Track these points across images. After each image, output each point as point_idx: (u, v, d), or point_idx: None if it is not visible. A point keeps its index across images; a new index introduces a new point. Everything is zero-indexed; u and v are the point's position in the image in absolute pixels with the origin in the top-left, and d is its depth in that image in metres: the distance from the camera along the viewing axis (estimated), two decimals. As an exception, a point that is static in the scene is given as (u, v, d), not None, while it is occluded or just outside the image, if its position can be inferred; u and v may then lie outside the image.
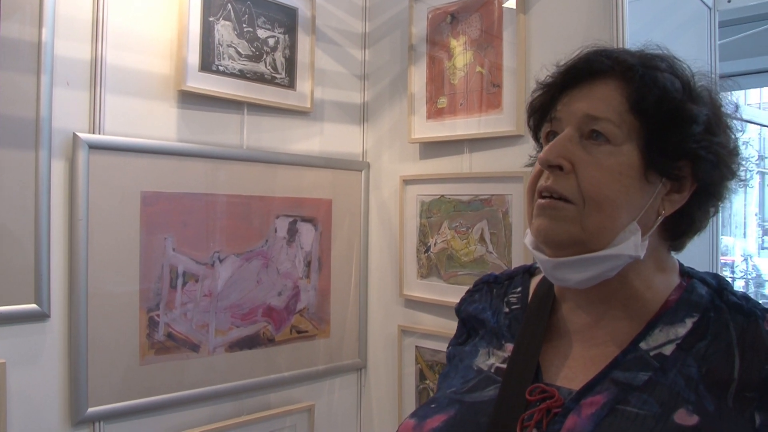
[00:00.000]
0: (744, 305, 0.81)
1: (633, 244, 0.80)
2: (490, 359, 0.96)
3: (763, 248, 6.94)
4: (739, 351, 0.77)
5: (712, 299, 0.83)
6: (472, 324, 1.06)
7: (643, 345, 0.81)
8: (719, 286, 0.85)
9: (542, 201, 0.84)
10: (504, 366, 0.92)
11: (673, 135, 0.80)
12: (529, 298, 0.99)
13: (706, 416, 0.73)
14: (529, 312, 0.95)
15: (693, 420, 0.73)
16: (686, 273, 0.89)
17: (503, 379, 0.89)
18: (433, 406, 0.92)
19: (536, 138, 0.96)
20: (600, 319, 0.86)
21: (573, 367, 0.86)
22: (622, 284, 0.85)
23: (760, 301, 0.83)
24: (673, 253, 0.91)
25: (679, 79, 0.82)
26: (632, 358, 0.80)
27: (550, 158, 0.83)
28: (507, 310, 1.01)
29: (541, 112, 0.91)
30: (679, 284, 0.87)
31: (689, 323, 0.81)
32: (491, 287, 1.07)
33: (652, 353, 0.80)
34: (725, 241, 6.44)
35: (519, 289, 1.02)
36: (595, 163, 0.81)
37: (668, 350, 0.79)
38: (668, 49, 0.90)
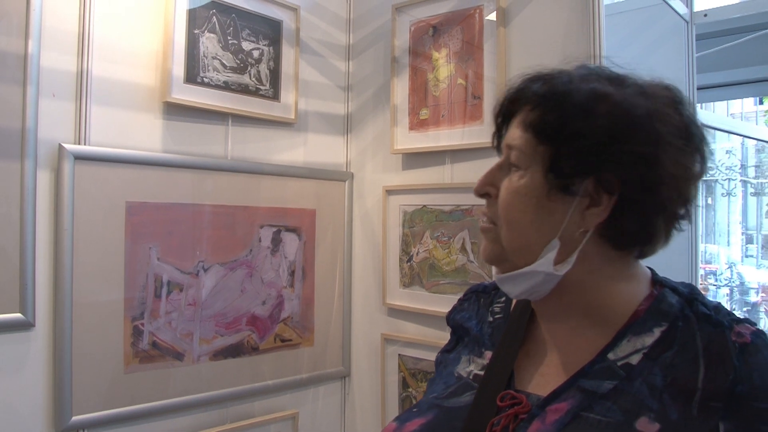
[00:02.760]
0: (712, 315, 0.82)
1: (547, 261, 0.83)
2: (470, 366, 0.98)
3: (747, 256, 6.99)
4: (705, 361, 0.78)
5: (683, 308, 0.84)
6: (459, 332, 1.08)
7: (611, 355, 0.82)
8: (690, 296, 0.85)
9: (481, 224, 0.92)
10: (482, 373, 0.94)
11: (564, 153, 0.80)
12: (512, 308, 1.00)
13: (668, 424, 0.74)
14: (510, 321, 0.97)
15: (654, 428, 0.74)
16: (658, 282, 0.89)
17: (479, 385, 0.91)
18: (414, 410, 0.95)
19: None
20: (572, 329, 0.87)
21: (545, 375, 0.88)
22: (579, 296, 0.86)
23: (743, 309, 0.84)
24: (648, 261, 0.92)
25: (579, 93, 0.81)
26: (599, 368, 0.81)
27: (477, 188, 0.90)
28: (491, 319, 1.03)
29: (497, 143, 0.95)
30: (650, 293, 0.87)
31: (657, 332, 0.82)
32: (479, 297, 1.09)
33: (619, 363, 0.81)
34: (710, 249, 6.50)
35: (503, 299, 1.04)
36: (507, 188, 0.86)
37: (635, 360, 0.80)
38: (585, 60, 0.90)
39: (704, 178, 0.87)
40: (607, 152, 0.79)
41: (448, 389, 0.96)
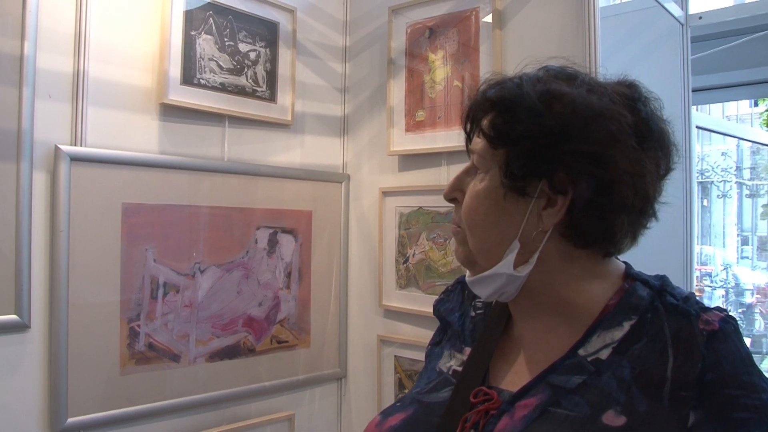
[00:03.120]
0: (680, 305, 0.82)
1: (508, 263, 0.85)
2: (450, 362, 1.00)
3: (742, 258, 7.02)
4: (673, 351, 0.78)
5: (653, 301, 0.84)
6: (443, 324, 1.10)
7: (581, 351, 0.83)
8: (661, 288, 0.86)
9: (452, 228, 0.94)
10: (460, 369, 0.96)
11: (513, 156, 0.82)
12: (493, 305, 1.02)
13: (635, 417, 0.75)
14: (489, 319, 0.99)
15: (620, 421, 0.75)
16: (630, 276, 0.90)
17: (456, 381, 0.93)
18: (398, 404, 0.97)
19: None
20: (545, 327, 0.89)
21: (517, 372, 0.89)
22: (548, 295, 0.87)
23: (739, 311, 0.84)
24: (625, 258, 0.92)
25: (528, 96, 0.82)
26: (569, 364, 0.83)
27: (445, 193, 0.94)
28: (473, 314, 1.04)
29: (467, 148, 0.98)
30: (620, 288, 0.87)
31: (627, 326, 0.82)
32: (464, 288, 1.09)
33: (589, 358, 0.82)
34: (705, 250, 6.52)
35: None
36: (469, 192, 0.89)
37: (605, 354, 0.81)
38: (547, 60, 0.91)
39: (700, 180, 0.88)
40: (556, 153, 0.80)
41: (429, 384, 0.98)
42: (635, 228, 0.86)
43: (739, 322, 0.84)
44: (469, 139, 0.93)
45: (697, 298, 0.86)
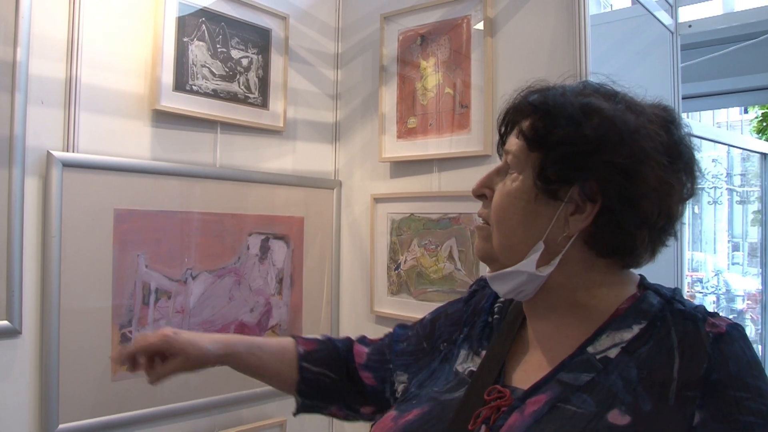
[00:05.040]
0: (687, 310, 0.85)
1: (531, 262, 0.87)
2: (467, 363, 1.01)
3: (733, 264, 7.05)
4: (680, 352, 0.80)
5: (662, 308, 0.86)
6: (466, 318, 1.11)
7: (590, 349, 0.85)
8: (671, 297, 0.88)
9: (476, 223, 0.99)
10: (476, 370, 0.99)
11: (550, 160, 0.85)
12: (509, 309, 1.04)
13: (640, 416, 0.77)
14: (506, 322, 1.02)
15: (625, 420, 0.77)
16: (644, 286, 0.92)
17: (471, 381, 0.95)
18: (414, 402, 0.99)
19: None
20: (556, 327, 0.91)
21: (527, 370, 0.92)
22: (563, 297, 0.90)
23: (730, 317, 0.86)
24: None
25: (570, 105, 0.85)
26: (578, 361, 0.85)
27: (474, 189, 0.97)
28: (490, 318, 1.06)
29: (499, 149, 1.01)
30: (633, 294, 0.90)
31: (636, 329, 0.85)
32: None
33: (598, 356, 0.84)
34: (696, 256, 6.55)
35: (503, 300, 1.07)
36: (500, 190, 0.92)
37: (613, 353, 0.83)
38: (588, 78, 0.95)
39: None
40: (590, 161, 0.83)
41: (447, 385, 1.00)
42: (655, 244, 0.89)
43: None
44: (502, 141, 0.97)
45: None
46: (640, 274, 0.95)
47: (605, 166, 0.82)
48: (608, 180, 0.82)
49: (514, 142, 0.91)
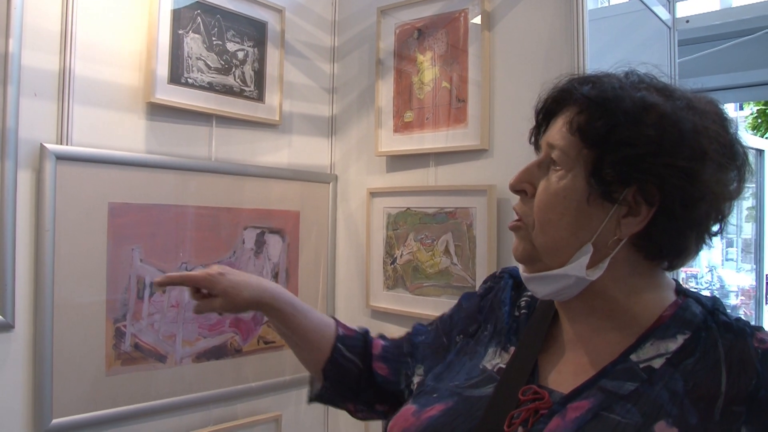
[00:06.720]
0: (733, 324, 0.82)
1: (580, 265, 0.83)
2: (495, 359, 0.98)
3: (727, 260, 7.06)
4: (727, 366, 0.78)
5: (705, 319, 0.84)
6: (486, 314, 1.08)
7: (633, 357, 0.82)
8: (713, 307, 0.86)
9: (512, 222, 0.92)
10: (505, 367, 0.96)
11: (608, 160, 0.81)
12: (538, 304, 1.01)
13: (687, 429, 0.74)
14: (534, 318, 0.99)
15: None
16: (682, 292, 0.90)
17: (501, 378, 0.92)
18: (434, 396, 0.96)
19: None
20: (594, 330, 0.88)
21: (565, 373, 0.89)
22: (605, 300, 0.87)
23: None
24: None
25: (629, 101, 0.81)
26: (621, 369, 0.82)
27: (513, 184, 0.91)
28: (517, 313, 1.03)
29: (535, 139, 0.97)
30: (674, 302, 0.87)
31: (680, 339, 0.82)
32: (516, 282, 1.09)
33: (641, 365, 0.81)
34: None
35: (529, 293, 1.04)
36: (545, 188, 0.87)
37: (657, 363, 0.81)
38: (634, 65, 0.89)
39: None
40: (652, 163, 0.79)
41: (470, 380, 0.97)
42: (700, 245, 0.87)
43: None
44: (538, 132, 0.93)
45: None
46: (675, 279, 0.93)
47: (667, 169, 0.79)
48: (669, 182, 0.79)
49: (561, 136, 0.86)
